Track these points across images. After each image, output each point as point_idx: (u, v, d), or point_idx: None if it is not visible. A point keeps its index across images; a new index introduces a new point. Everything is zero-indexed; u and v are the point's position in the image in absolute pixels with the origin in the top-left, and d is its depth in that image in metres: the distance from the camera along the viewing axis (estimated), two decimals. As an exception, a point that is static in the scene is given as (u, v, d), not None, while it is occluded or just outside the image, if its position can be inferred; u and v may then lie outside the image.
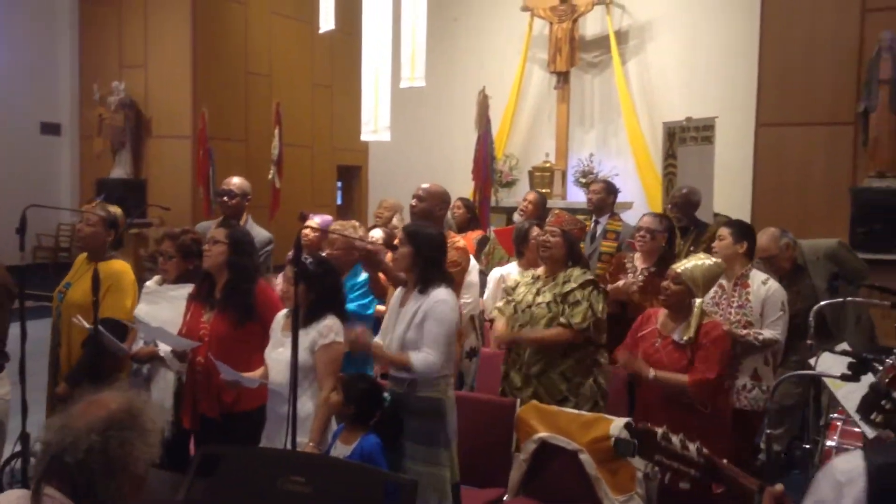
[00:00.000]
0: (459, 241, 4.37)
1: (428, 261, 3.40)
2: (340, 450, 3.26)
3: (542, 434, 3.59)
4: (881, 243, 7.87)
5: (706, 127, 7.41)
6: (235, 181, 5.19)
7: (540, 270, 4.13)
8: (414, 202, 4.24)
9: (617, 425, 3.43)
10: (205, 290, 3.71)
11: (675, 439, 1.72)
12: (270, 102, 10.19)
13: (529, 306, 3.95)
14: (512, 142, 11.22)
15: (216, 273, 3.68)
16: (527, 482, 3.64)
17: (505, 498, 3.67)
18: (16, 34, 11.82)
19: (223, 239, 3.66)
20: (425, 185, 4.30)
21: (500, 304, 4.18)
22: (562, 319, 3.81)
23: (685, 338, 3.51)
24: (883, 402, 2.25)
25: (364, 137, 7.20)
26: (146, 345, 3.91)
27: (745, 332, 4.12)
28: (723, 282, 4.25)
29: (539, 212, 6.06)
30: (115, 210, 4.38)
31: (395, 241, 3.57)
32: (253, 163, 11.03)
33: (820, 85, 8.40)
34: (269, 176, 9.22)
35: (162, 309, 3.88)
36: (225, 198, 5.11)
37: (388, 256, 4.28)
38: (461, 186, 9.26)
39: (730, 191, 8.45)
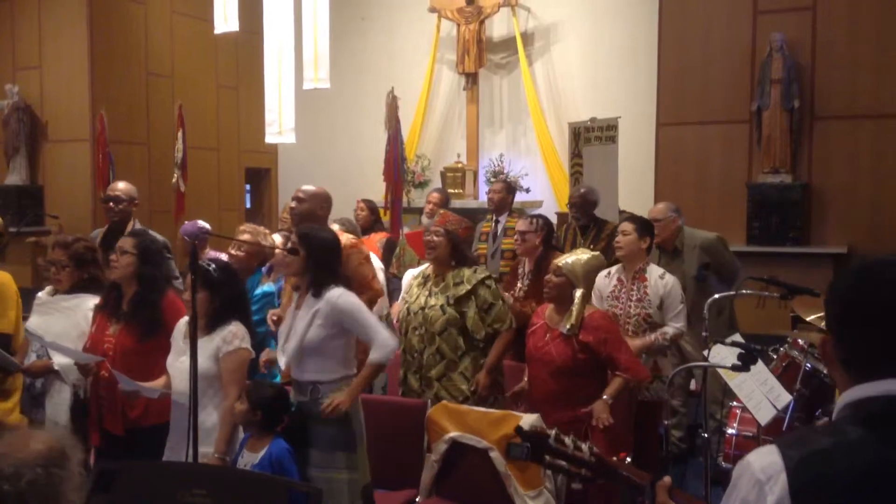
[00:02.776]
0: (364, 249, 4.35)
1: (319, 264, 3.37)
2: (248, 458, 3.21)
3: (453, 434, 3.60)
4: (776, 237, 8.21)
5: (609, 127, 7.57)
6: (121, 186, 5.04)
7: (429, 269, 4.18)
8: (294, 204, 4.19)
9: (526, 421, 3.45)
10: (112, 302, 3.58)
11: (568, 440, 1.68)
12: (173, 104, 9.89)
13: (423, 308, 3.97)
14: (424, 142, 11.21)
15: (124, 284, 3.55)
16: (438, 482, 3.65)
17: (417, 499, 3.67)
18: None
19: (131, 249, 3.54)
20: (305, 187, 4.26)
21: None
22: (496, 326, 3.93)
23: (567, 326, 3.62)
24: None
25: (269, 139, 7.08)
26: (39, 358, 3.74)
27: (652, 337, 4.23)
28: (622, 276, 4.42)
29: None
30: None
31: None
32: (156, 166, 10.68)
33: (715, 85, 8.70)
34: (174, 180, 8.97)
35: (55, 321, 3.72)
36: (111, 203, 4.94)
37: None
38: (373, 188, 9.21)
39: (634, 188, 8.68)
